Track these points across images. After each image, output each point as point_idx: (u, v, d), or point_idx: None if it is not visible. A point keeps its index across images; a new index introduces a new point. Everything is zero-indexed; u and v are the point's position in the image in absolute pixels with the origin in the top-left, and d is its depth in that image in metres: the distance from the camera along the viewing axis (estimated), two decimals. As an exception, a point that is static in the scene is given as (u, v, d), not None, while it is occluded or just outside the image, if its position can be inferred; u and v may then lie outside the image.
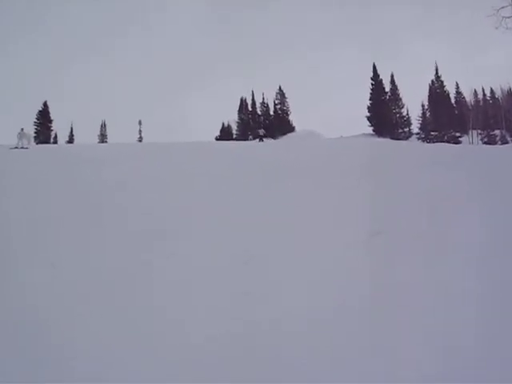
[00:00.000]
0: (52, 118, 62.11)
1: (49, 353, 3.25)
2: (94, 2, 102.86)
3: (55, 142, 58.52)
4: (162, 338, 3.48)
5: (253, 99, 66.97)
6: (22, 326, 3.64)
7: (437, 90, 59.88)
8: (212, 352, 3.28)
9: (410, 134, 57.90)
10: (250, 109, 66.95)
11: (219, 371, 3.07)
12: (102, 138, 64.57)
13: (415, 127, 58.41)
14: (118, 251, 5.54)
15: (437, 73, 60.79)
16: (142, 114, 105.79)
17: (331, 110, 79.69)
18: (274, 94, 67.11)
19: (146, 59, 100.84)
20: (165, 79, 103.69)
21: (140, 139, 62.55)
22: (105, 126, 66.06)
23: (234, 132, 65.75)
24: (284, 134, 58.70)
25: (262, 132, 39.25)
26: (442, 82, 60.72)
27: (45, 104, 62.44)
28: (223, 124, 67.95)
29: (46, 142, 55.13)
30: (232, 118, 66.88)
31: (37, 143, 54.30)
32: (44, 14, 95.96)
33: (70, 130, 63.71)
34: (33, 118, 61.21)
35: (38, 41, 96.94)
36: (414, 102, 67.94)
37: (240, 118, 66.56)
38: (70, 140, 62.17)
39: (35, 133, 59.37)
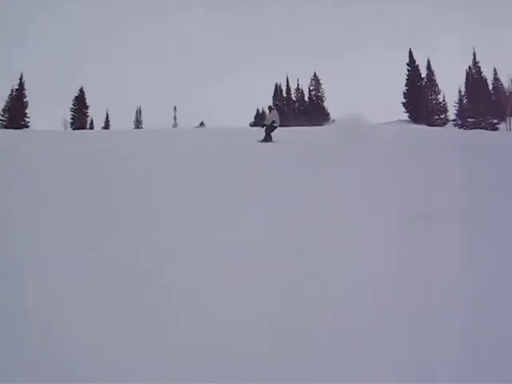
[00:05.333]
0: (88, 104, 63.13)
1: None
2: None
3: (91, 128, 59.89)
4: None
5: (287, 85, 67.60)
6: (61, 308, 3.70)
7: (474, 76, 59.81)
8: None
9: (447, 120, 58.16)
10: (284, 95, 67.73)
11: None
12: (138, 123, 65.93)
13: (452, 114, 58.68)
14: (158, 234, 5.63)
15: (474, 58, 60.66)
16: (176, 100, 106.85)
17: (366, 96, 79.62)
18: (309, 80, 67.72)
19: (181, 45, 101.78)
20: (199, 65, 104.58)
21: (175, 125, 63.65)
22: (140, 111, 67.34)
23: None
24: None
25: (273, 117, 18.05)
26: (480, 67, 60.59)
27: (81, 90, 63.53)
28: (257, 110, 68.77)
29: (83, 127, 56.55)
30: (266, 105, 67.52)
31: (73, 129, 56.09)
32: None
33: (105, 115, 64.91)
34: (69, 104, 62.40)
35: (74, 26, 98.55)
36: (450, 89, 67.36)
37: (274, 104, 67.32)
38: (106, 126, 63.50)
39: (72, 119, 61.03)
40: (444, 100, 59.72)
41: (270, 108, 19.87)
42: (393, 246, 4.91)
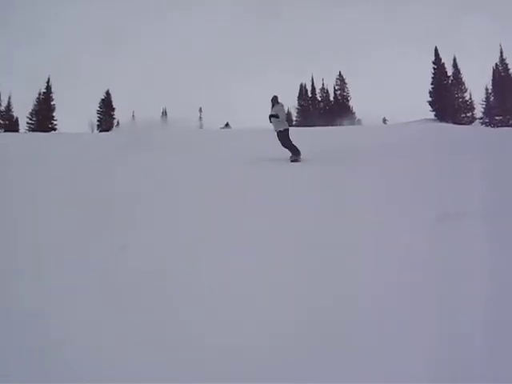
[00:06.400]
0: (114, 106, 64.17)
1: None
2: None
3: (117, 130, 60.67)
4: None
5: (312, 85, 67.60)
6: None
7: (501, 74, 58.73)
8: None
9: (474, 118, 57.32)
10: (309, 95, 67.68)
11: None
12: (163, 125, 66.55)
13: (478, 112, 57.79)
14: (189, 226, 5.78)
15: (501, 55, 59.55)
16: (201, 101, 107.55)
17: (392, 96, 78.85)
18: (334, 79, 67.55)
19: (207, 45, 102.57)
20: (225, 65, 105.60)
21: (201, 126, 64.14)
22: (165, 113, 68.18)
23: (294, 118, 66.56)
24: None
25: (281, 111, 12.32)
26: (507, 64, 59.42)
27: (107, 93, 64.70)
28: (283, 110, 68.61)
29: (109, 130, 57.43)
30: (292, 105, 67.54)
31: (99, 131, 57.01)
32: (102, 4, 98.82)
33: (131, 118, 65.68)
34: (96, 106, 63.50)
35: (99, 30, 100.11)
36: (477, 86, 66.36)
37: (300, 104, 67.39)
38: (132, 127, 64.20)
39: (98, 121, 62.08)
40: (471, 98, 58.95)
41: (275, 100, 12.15)
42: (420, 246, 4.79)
